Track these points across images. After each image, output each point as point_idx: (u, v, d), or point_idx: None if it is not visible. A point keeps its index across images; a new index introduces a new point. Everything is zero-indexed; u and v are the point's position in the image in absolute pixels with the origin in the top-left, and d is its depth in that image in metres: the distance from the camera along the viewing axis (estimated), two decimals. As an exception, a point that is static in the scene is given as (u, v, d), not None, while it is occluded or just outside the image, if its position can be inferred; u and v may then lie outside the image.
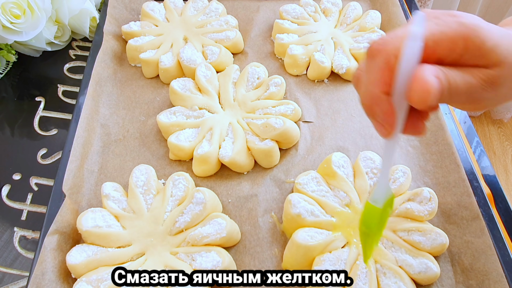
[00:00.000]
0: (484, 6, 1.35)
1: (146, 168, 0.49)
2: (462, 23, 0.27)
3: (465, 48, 0.27)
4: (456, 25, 0.27)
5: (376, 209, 0.34)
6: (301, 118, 0.58)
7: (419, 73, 0.26)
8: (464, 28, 0.27)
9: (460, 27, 0.27)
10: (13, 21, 0.60)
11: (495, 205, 0.50)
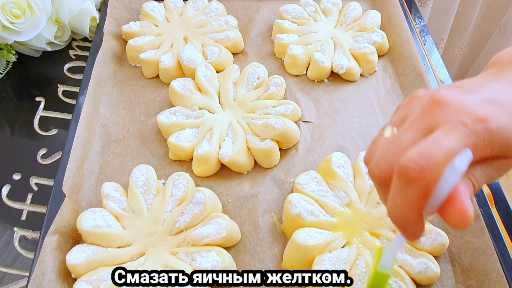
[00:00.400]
0: (484, 6, 1.35)
1: (146, 168, 0.49)
2: (490, 130, 0.26)
3: (491, 152, 0.27)
4: (485, 134, 0.26)
5: (385, 275, 0.35)
6: (301, 118, 0.58)
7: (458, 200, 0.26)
8: (492, 136, 0.26)
9: (489, 137, 0.26)
10: (13, 21, 0.60)
11: (495, 205, 0.50)
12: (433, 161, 0.26)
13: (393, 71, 0.65)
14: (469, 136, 0.26)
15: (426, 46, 0.69)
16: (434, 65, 0.66)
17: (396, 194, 0.28)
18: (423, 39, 0.70)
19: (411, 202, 0.27)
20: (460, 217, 0.26)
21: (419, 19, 0.73)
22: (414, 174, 0.26)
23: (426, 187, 0.26)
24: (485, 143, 0.26)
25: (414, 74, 0.61)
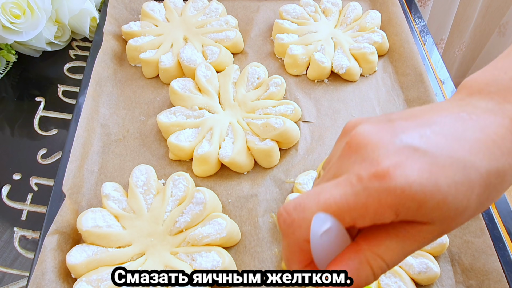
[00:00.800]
0: (484, 6, 1.35)
1: (146, 168, 0.49)
2: (389, 189, 0.21)
3: (397, 215, 0.22)
4: (380, 194, 0.21)
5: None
6: (301, 118, 0.58)
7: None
8: (391, 197, 0.21)
9: (386, 197, 0.21)
10: (13, 21, 0.60)
11: (495, 205, 0.50)
12: (304, 216, 0.22)
13: (393, 71, 0.65)
14: (357, 194, 0.21)
15: (426, 46, 0.69)
16: (434, 65, 0.66)
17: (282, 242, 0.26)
18: (423, 39, 0.70)
19: (289, 255, 0.25)
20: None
21: (419, 19, 0.73)
22: (284, 226, 0.24)
23: (297, 243, 0.23)
24: (381, 205, 0.21)
25: (414, 74, 0.61)
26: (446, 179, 0.21)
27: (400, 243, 0.23)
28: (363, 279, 0.23)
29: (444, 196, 0.21)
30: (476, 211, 0.23)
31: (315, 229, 0.22)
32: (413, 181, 0.21)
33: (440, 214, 0.21)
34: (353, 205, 0.22)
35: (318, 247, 0.23)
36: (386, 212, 0.21)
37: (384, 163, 0.21)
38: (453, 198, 0.21)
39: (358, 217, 0.22)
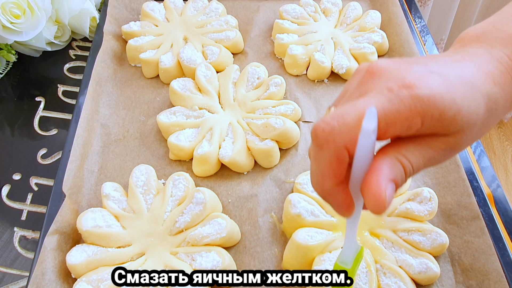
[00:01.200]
0: (484, 6, 1.35)
1: (146, 168, 0.49)
2: (418, 97, 0.24)
3: (422, 123, 0.25)
4: (411, 101, 0.24)
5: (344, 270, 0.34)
6: (301, 118, 0.58)
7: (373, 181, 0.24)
8: (419, 104, 0.24)
9: (416, 104, 0.24)
10: (13, 21, 0.60)
11: (495, 205, 0.50)
12: (344, 121, 0.24)
13: (393, 71, 0.65)
14: (391, 100, 0.24)
15: (426, 46, 0.69)
16: (434, 65, 0.66)
17: (312, 162, 0.26)
18: (423, 39, 0.70)
19: (324, 169, 0.25)
20: (372, 201, 0.24)
21: (419, 19, 0.73)
22: (323, 135, 0.24)
23: (336, 151, 0.24)
24: (411, 111, 0.24)
25: (414, 74, 0.61)
26: (459, 94, 0.25)
27: (421, 149, 0.26)
28: (399, 176, 0.25)
29: (459, 108, 0.25)
30: (480, 131, 0.27)
31: (366, 124, 0.23)
32: (436, 92, 0.24)
33: (455, 126, 0.25)
34: (388, 110, 0.24)
35: (364, 147, 0.24)
36: (415, 118, 0.24)
37: (409, 78, 0.25)
38: (466, 112, 0.25)
39: (391, 123, 0.24)
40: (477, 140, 0.30)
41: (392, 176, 0.25)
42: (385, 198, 0.24)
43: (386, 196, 0.24)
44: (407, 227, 0.45)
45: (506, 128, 1.62)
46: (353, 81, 0.29)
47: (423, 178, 0.53)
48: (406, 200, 0.47)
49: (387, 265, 0.43)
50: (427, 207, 0.46)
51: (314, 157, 0.26)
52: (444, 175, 0.52)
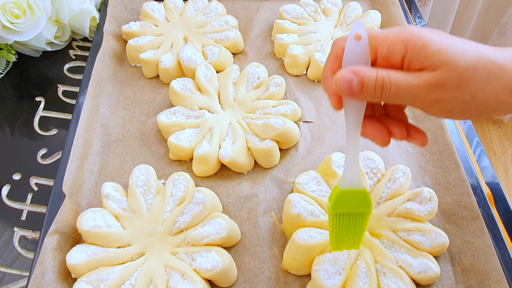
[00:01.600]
0: (484, 6, 1.35)
1: (146, 168, 0.49)
2: (406, 30, 0.30)
3: (405, 49, 0.30)
4: (400, 30, 0.30)
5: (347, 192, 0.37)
6: (301, 118, 0.58)
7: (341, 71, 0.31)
8: (406, 33, 0.30)
9: (402, 33, 0.30)
10: (13, 21, 0.60)
11: (495, 205, 0.50)
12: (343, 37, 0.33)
13: (393, 71, 0.65)
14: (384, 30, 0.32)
15: (426, 46, 0.69)
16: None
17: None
18: (423, 39, 0.70)
19: (327, 61, 0.34)
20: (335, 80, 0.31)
21: (419, 19, 0.73)
22: (335, 41, 0.34)
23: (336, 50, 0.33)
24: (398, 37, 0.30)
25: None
26: (448, 40, 0.29)
27: (406, 74, 0.30)
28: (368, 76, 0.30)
29: (444, 46, 0.29)
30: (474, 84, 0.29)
31: (352, 32, 0.31)
32: (425, 33, 0.30)
33: (439, 59, 0.29)
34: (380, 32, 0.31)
35: (350, 51, 0.31)
36: (399, 44, 0.30)
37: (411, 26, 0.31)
38: (452, 52, 0.29)
39: (380, 43, 0.31)
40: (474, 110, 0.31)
41: (359, 70, 0.31)
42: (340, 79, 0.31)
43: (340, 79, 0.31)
44: (407, 227, 0.45)
45: (506, 128, 1.62)
46: None
47: (423, 178, 0.53)
48: (406, 200, 0.47)
49: (387, 265, 0.43)
50: (427, 207, 0.46)
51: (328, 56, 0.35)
52: (444, 175, 0.52)
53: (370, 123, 0.35)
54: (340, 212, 0.37)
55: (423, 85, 0.29)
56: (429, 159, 0.54)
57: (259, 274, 0.45)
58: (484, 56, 0.29)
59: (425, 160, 0.54)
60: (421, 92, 0.29)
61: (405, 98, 0.30)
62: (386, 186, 0.48)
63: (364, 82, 0.30)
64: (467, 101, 0.30)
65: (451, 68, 0.29)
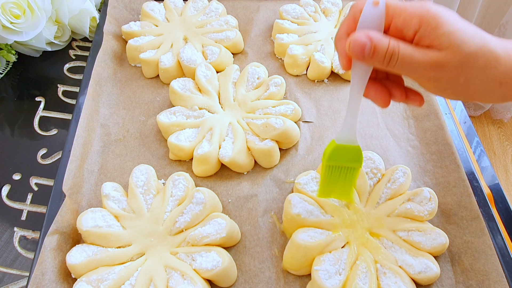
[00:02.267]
0: (484, 6, 1.35)
1: (146, 168, 0.49)
2: (425, 6, 0.31)
3: (419, 25, 0.31)
4: (418, 6, 0.31)
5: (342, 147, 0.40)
6: (301, 118, 0.58)
7: (355, 33, 0.32)
8: (423, 10, 0.31)
9: (420, 9, 0.31)
10: (13, 21, 0.60)
11: (495, 205, 0.50)
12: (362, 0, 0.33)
13: (393, 71, 0.65)
14: (405, 2, 0.32)
15: (426, 46, 0.69)
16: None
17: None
18: (423, 39, 0.70)
19: (344, 22, 0.35)
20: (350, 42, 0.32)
21: (419, 19, 0.73)
22: (353, 4, 0.35)
23: (354, 13, 0.34)
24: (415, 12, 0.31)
25: (414, 74, 0.61)
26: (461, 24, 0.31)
27: (414, 48, 0.32)
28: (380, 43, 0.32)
29: (454, 29, 0.30)
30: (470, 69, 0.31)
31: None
32: (442, 11, 0.31)
33: (447, 42, 0.30)
34: (399, 4, 0.32)
35: (366, 15, 0.32)
36: (414, 19, 0.31)
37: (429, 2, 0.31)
38: (460, 35, 0.30)
39: (397, 14, 0.32)
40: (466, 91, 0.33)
41: (374, 37, 0.32)
42: (359, 41, 0.32)
43: (355, 41, 0.32)
44: (407, 227, 0.45)
45: (506, 128, 1.62)
46: None
47: (423, 178, 0.53)
48: (406, 200, 0.47)
49: (387, 265, 0.43)
50: (427, 207, 0.46)
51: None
52: (444, 175, 0.52)
53: (373, 85, 0.36)
54: (333, 164, 0.41)
55: (427, 63, 0.31)
56: (429, 159, 0.54)
57: (259, 274, 0.45)
58: (487, 45, 0.31)
59: (425, 160, 0.54)
60: (423, 69, 0.31)
61: (408, 71, 0.33)
62: (386, 186, 0.48)
63: (376, 49, 0.32)
64: (460, 84, 0.32)
65: (455, 52, 0.30)
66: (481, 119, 1.64)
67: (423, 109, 0.59)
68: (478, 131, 1.61)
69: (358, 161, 0.41)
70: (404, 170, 0.49)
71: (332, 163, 0.41)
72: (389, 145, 0.56)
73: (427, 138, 0.56)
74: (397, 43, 0.32)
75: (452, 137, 0.55)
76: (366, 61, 0.33)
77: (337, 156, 0.41)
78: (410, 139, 0.57)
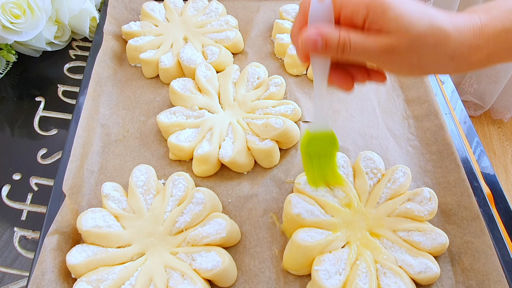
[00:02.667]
0: (484, 6, 1.35)
1: (146, 168, 0.49)
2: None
3: (367, 13, 0.32)
4: None
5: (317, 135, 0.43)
6: (301, 118, 0.58)
7: (307, 29, 0.34)
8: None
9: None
10: (13, 21, 0.60)
11: (495, 205, 0.50)
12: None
13: (393, 71, 0.65)
14: None
15: (426, 46, 0.69)
16: (434, 65, 0.66)
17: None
18: (423, 39, 0.70)
19: (295, 19, 0.36)
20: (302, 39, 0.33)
21: (419, 19, 0.73)
22: (301, 3, 0.35)
23: (304, 10, 0.35)
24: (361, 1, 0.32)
25: (414, 74, 0.61)
26: (407, 6, 0.31)
27: (364, 36, 0.33)
28: (331, 36, 0.33)
29: (401, 13, 0.31)
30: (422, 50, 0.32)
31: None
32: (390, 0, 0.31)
33: (395, 26, 0.31)
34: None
35: (314, 10, 0.34)
36: (361, 6, 0.32)
37: None
38: (407, 18, 0.31)
39: (344, 5, 0.33)
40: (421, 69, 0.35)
41: (324, 31, 0.33)
42: (305, 39, 0.33)
43: (307, 37, 0.33)
44: (407, 227, 0.45)
45: (506, 128, 1.62)
46: None
47: (423, 178, 0.53)
48: (406, 200, 0.47)
49: (387, 265, 0.43)
50: (427, 207, 0.46)
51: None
52: (444, 175, 0.52)
53: (335, 72, 0.38)
54: (311, 151, 0.44)
55: (378, 48, 0.32)
56: (429, 159, 0.54)
57: (259, 274, 0.45)
58: (435, 24, 0.32)
59: (425, 160, 0.54)
60: (376, 54, 0.33)
61: (362, 57, 0.34)
62: (386, 186, 0.48)
63: (328, 42, 0.33)
64: (413, 64, 0.33)
65: (404, 35, 0.32)
66: (481, 119, 1.64)
67: (423, 109, 0.59)
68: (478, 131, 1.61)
69: (334, 144, 0.44)
70: (404, 170, 0.49)
71: (310, 149, 0.44)
72: (389, 145, 0.56)
73: (427, 138, 0.56)
74: (348, 33, 0.33)
75: (452, 137, 0.55)
76: (321, 54, 0.34)
77: (313, 144, 0.43)
78: (410, 139, 0.57)
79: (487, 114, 1.64)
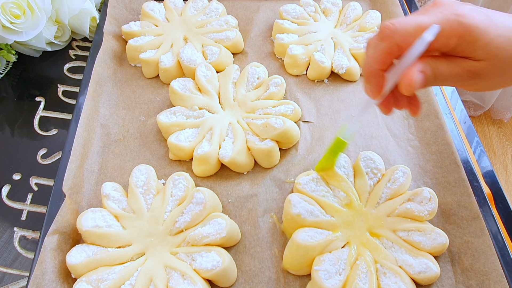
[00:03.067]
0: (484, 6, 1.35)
1: (146, 168, 0.49)
2: (461, 21, 0.31)
3: (458, 44, 0.32)
4: (455, 23, 0.32)
5: (343, 143, 0.45)
6: (301, 118, 0.58)
7: (409, 70, 0.33)
8: (460, 27, 0.31)
9: (458, 26, 0.31)
10: (13, 21, 0.60)
11: (495, 205, 0.50)
12: (405, 26, 0.32)
13: (393, 71, 0.65)
14: (441, 21, 0.32)
15: (426, 46, 0.69)
16: (434, 65, 0.66)
17: (370, 48, 0.35)
18: (423, 39, 0.70)
19: (378, 56, 0.34)
20: (407, 84, 0.33)
21: (419, 19, 0.73)
22: (387, 31, 0.33)
23: (391, 47, 0.33)
24: (452, 32, 0.31)
25: (414, 74, 0.61)
26: (496, 31, 0.32)
27: (450, 64, 0.33)
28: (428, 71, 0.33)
29: (491, 40, 0.32)
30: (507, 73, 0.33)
31: (427, 35, 0.31)
32: (477, 24, 0.31)
33: (484, 53, 0.32)
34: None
35: (415, 50, 0.32)
36: (453, 37, 0.32)
37: (460, 9, 0.32)
38: (496, 45, 0.32)
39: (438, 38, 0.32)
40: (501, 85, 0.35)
41: (423, 69, 0.33)
42: (415, 79, 0.32)
43: (415, 79, 0.32)
44: (407, 227, 0.45)
45: (506, 128, 1.62)
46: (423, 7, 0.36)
47: (423, 178, 0.53)
48: (406, 200, 0.47)
49: (387, 265, 0.43)
50: (427, 207, 0.46)
51: (374, 45, 0.34)
52: (444, 175, 0.52)
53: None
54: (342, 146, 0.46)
55: (464, 73, 0.33)
56: (429, 159, 0.54)
57: (259, 274, 0.45)
58: None
59: (425, 160, 0.54)
60: (461, 78, 0.34)
61: (447, 84, 0.35)
62: (386, 186, 0.48)
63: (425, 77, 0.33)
64: (495, 82, 0.34)
65: (492, 60, 0.32)
66: (481, 119, 1.64)
67: (423, 109, 0.59)
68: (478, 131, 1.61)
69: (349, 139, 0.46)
70: (404, 170, 0.49)
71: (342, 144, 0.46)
72: (389, 145, 0.56)
73: (427, 138, 0.56)
74: (436, 64, 0.33)
75: (452, 137, 0.55)
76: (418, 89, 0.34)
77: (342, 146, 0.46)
78: (410, 139, 0.57)
79: (487, 114, 1.64)
